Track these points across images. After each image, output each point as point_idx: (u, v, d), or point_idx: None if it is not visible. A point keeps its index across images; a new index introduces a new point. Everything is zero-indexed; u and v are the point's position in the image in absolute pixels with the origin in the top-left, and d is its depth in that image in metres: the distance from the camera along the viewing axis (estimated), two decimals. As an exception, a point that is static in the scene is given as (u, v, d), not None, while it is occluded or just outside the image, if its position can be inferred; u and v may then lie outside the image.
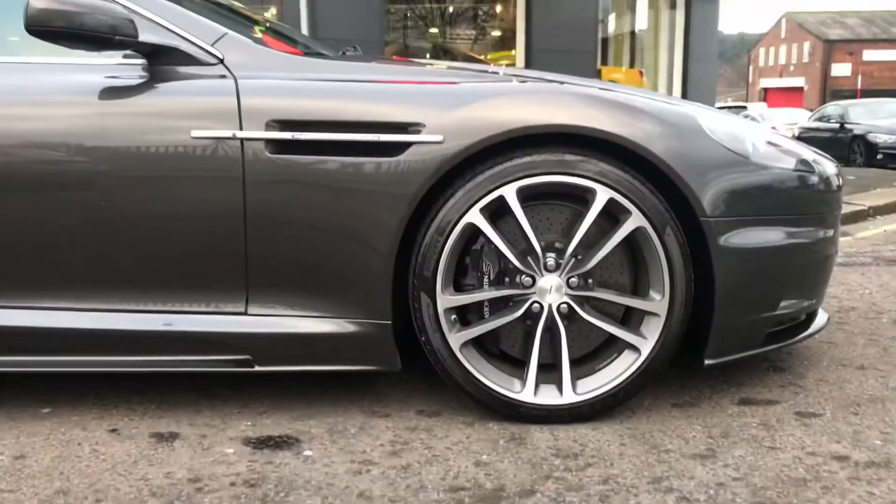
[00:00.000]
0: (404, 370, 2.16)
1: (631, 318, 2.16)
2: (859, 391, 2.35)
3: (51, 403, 2.27)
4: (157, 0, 2.11)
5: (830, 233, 2.33)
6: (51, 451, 1.97)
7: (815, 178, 2.27)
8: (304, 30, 8.09)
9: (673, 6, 13.73)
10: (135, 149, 2.01)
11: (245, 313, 2.09)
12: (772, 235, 2.15)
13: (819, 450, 1.95)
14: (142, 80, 2.05)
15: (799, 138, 11.62)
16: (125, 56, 2.09)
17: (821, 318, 2.51)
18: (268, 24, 2.89)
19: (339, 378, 2.42)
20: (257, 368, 2.11)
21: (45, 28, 1.90)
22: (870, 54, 50.66)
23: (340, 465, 1.89)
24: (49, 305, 2.10)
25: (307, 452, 1.96)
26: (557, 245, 2.09)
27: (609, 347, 2.16)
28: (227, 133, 1.98)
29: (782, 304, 2.22)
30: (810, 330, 2.42)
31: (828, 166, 2.37)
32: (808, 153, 2.34)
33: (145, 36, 2.02)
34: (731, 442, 2.00)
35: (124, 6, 2.02)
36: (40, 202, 2.05)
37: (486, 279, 2.11)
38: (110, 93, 2.04)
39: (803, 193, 2.24)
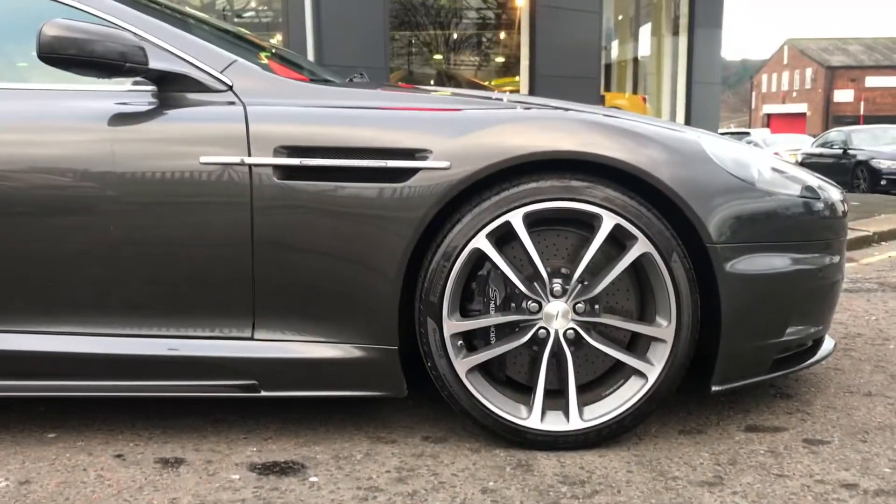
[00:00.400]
0: (410, 396, 2.15)
1: (637, 344, 2.16)
2: (867, 418, 2.34)
3: (56, 428, 2.27)
4: (166, 28, 2.14)
5: (836, 259, 2.33)
6: (56, 477, 1.96)
7: (820, 205, 2.27)
8: (310, 56, 8.16)
9: (676, 32, 13.84)
10: (143, 174, 2.02)
11: (251, 338, 2.09)
12: (778, 261, 2.15)
13: (828, 478, 1.94)
14: (151, 107, 2.07)
15: (802, 164, 11.66)
16: (135, 83, 2.11)
17: (827, 345, 2.51)
18: (274, 51, 2.92)
19: (345, 403, 2.41)
20: (263, 394, 2.10)
21: (57, 55, 1.92)
22: (872, 80, 50.87)
23: (346, 491, 1.88)
24: (55, 330, 2.10)
25: (313, 478, 1.95)
26: (564, 271, 2.10)
27: (616, 373, 2.15)
28: (236, 159, 2.00)
29: (789, 330, 2.22)
30: (817, 356, 2.41)
31: (833, 192, 2.37)
32: (813, 179, 2.34)
33: (155, 63, 2.04)
34: (739, 469, 1.99)
35: (135, 34, 2.05)
36: (48, 227, 2.06)
37: (492, 305, 2.11)
38: (120, 119, 2.06)
39: (809, 220, 2.25)
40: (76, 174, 2.03)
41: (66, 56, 1.93)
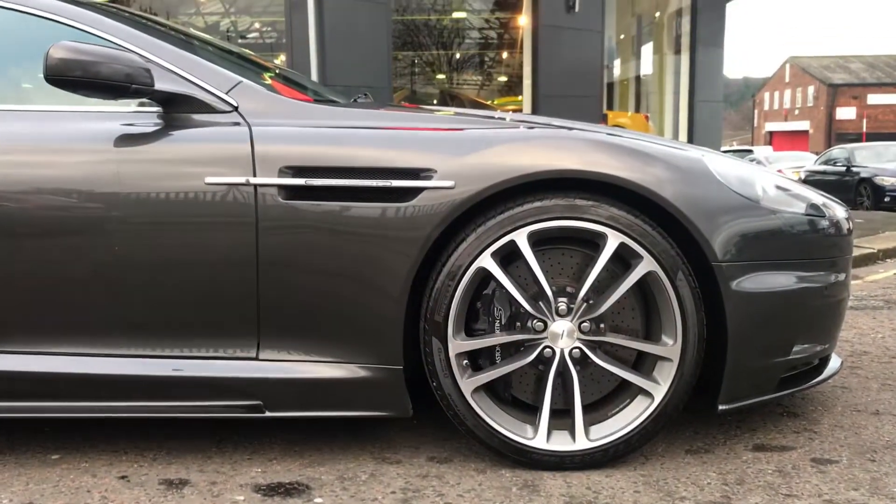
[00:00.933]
0: (415, 416, 2.14)
1: (643, 363, 2.15)
2: (875, 437, 2.32)
3: (60, 450, 2.26)
4: (172, 49, 2.16)
5: (842, 277, 2.33)
6: (60, 499, 1.95)
7: (825, 223, 2.27)
8: (314, 76, 8.20)
9: (677, 51, 13.90)
10: (149, 195, 2.03)
11: (256, 358, 2.08)
12: (783, 280, 2.14)
13: (837, 497, 1.92)
14: (157, 128, 2.08)
15: (805, 181, 11.66)
16: (141, 104, 2.12)
17: (834, 363, 2.50)
18: (278, 71, 2.94)
19: (350, 423, 2.40)
20: (268, 414, 2.09)
21: (63, 77, 1.93)
22: (874, 98, 50.97)
23: (351, 512, 1.87)
24: (59, 351, 2.09)
25: (317, 500, 1.94)
26: (569, 290, 2.09)
27: (622, 393, 2.14)
28: (241, 179, 2.00)
29: (795, 348, 2.21)
30: (824, 375, 2.40)
31: (838, 210, 2.37)
32: (818, 197, 2.34)
33: (161, 84, 2.05)
34: (747, 489, 1.97)
35: (141, 55, 2.06)
36: (54, 247, 2.06)
37: (497, 324, 2.11)
38: (126, 140, 2.07)
39: (814, 238, 2.24)
40: (82, 195, 2.04)
41: (72, 78, 1.94)
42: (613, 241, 2.03)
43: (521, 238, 2.02)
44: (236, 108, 2.09)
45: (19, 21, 2.18)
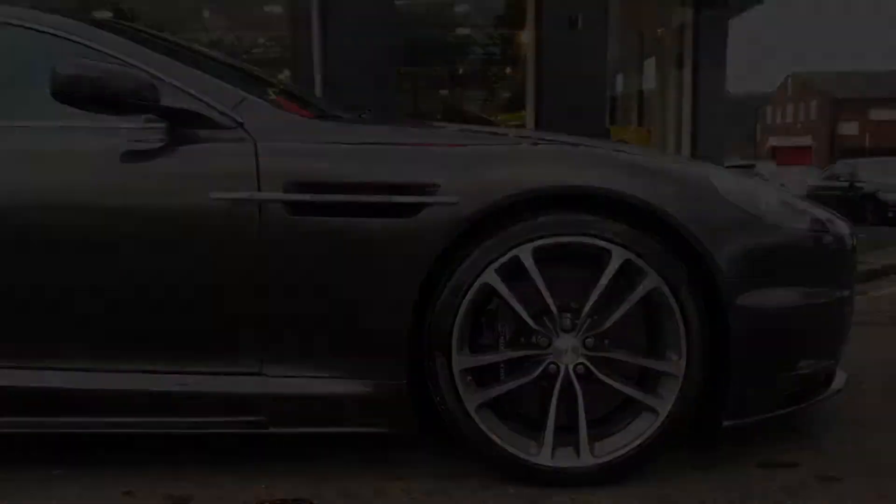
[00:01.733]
0: (420, 432, 2.14)
1: (648, 379, 2.14)
2: (881, 453, 2.31)
3: (63, 465, 2.25)
4: (178, 65, 2.17)
5: (847, 292, 2.32)
6: (63, 515, 1.95)
7: (829, 238, 2.27)
8: (318, 92, 8.23)
9: (680, 66, 13.93)
10: (154, 210, 2.03)
11: (260, 374, 2.08)
12: (788, 295, 2.14)
13: (843, 514, 1.91)
14: (162, 143, 2.08)
15: (809, 197, 11.63)
16: (147, 120, 2.12)
17: (839, 379, 2.48)
18: (283, 87, 2.95)
19: (355, 439, 2.39)
20: (272, 430, 2.09)
21: (70, 93, 1.95)
22: (876, 113, 51.01)
23: (355, 529, 1.86)
24: (63, 366, 2.09)
25: (322, 516, 1.93)
26: (573, 305, 2.09)
27: (626, 408, 2.13)
28: (246, 195, 2.01)
29: (800, 364, 2.20)
30: (829, 390, 2.39)
31: (842, 226, 2.37)
32: (822, 212, 2.34)
33: (167, 100, 2.06)
34: (753, 506, 1.96)
35: (147, 72, 2.07)
36: (59, 262, 2.07)
37: (501, 340, 2.11)
38: (131, 156, 2.08)
39: (819, 253, 2.24)
40: (88, 210, 2.05)
41: (79, 94, 1.95)
42: (618, 257, 2.03)
43: (525, 254, 2.02)
44: (241, 124, 2.10)
45: (27, 38, 2.20)
